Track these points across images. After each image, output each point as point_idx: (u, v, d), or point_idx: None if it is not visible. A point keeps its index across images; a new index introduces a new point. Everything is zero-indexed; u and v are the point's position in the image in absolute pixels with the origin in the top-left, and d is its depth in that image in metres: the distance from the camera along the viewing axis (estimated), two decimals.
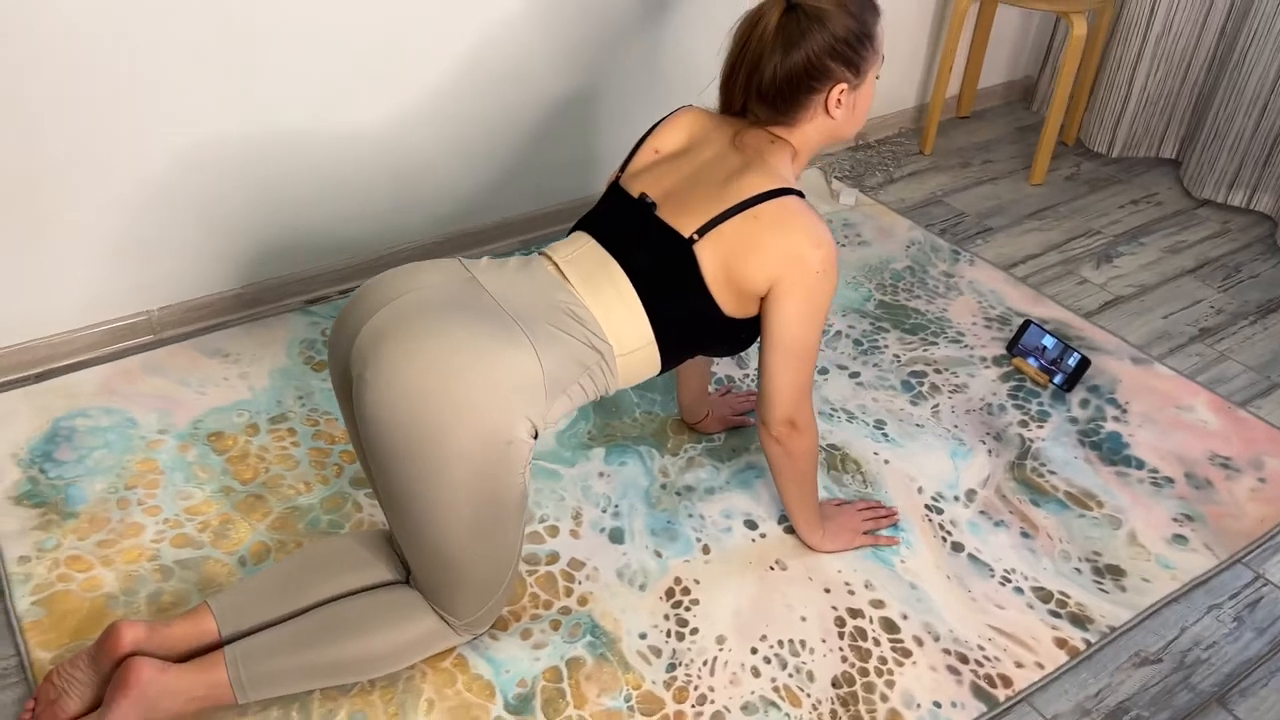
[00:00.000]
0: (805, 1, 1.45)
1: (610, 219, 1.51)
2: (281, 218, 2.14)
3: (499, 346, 1.32)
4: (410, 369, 1.30)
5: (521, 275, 1.44)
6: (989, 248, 2.56)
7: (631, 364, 1.46)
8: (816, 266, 1.44)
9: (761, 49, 1.46)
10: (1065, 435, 1.99)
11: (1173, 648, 1.62)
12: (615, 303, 1.43)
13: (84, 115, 1.82)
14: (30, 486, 1.75)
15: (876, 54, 1.53)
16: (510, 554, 1.43)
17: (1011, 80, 3.30)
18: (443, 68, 2.15)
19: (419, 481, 1.31)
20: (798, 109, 1.50)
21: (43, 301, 1.97)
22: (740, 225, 1.44)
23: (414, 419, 1.29)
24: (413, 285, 1.39)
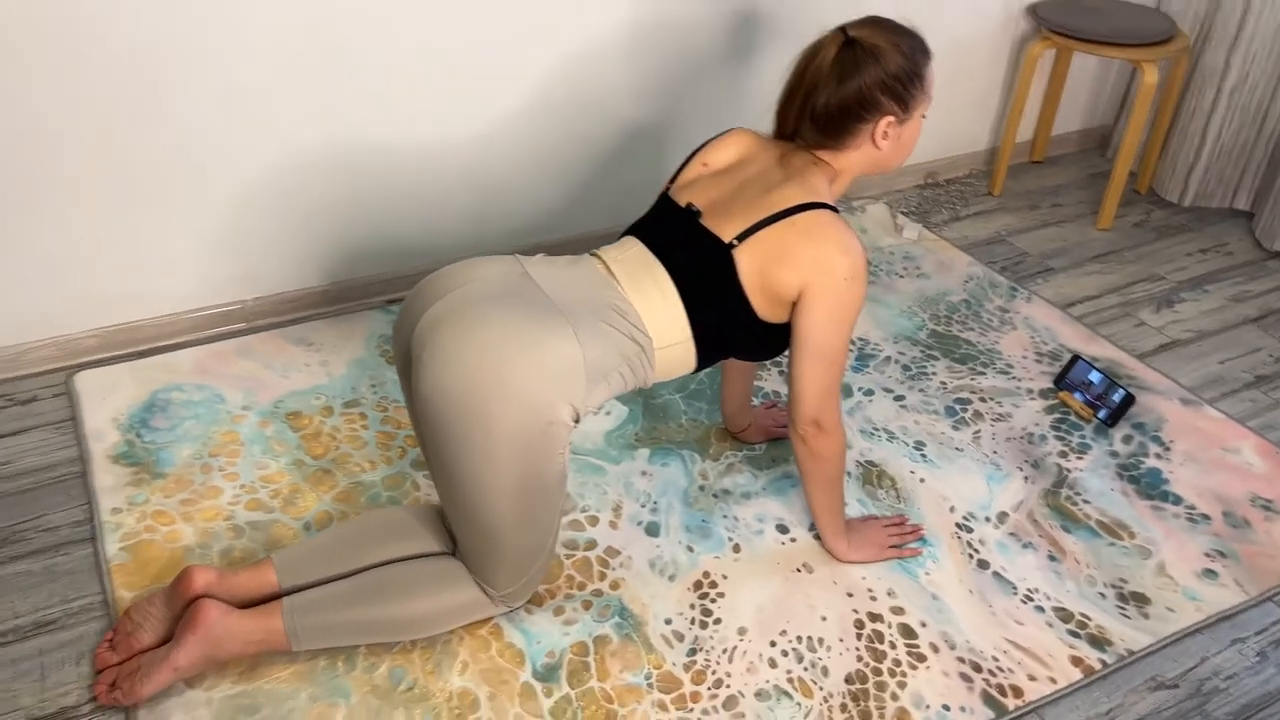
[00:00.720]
0: (863, 38, 1.56)
1: (657, 225, 1.63)
2: (368, 222, 2.31)
3: (545, 335, 1.44)
4: (463, 352, 1.42)
5: (571, 271, 1.56)
6: (1048, 287, 2.60)
7: (669, 358, 1.56)
8: (845, 273, 1.53)
9: (818, 77, 1.57)
10: (1104, 468, 2.02)
11: (1191, 675, 1.64)
12: (657, 299, 1.54)
13: (194, 119, 2.02)
14: (127, 448, 1.93)
15: (925, 94, 1.62)
16: (546, 531, 1.54)
17: (1088, 128, 3.33)
18: (524, 89, 2.31)
19: (466, 455, 1.43)
20: (845, 136, 1.60)
21: (152, 287, 2.17)
22: (776, 233, 1.54)
23: (464, 397, 1.41)
24: (471, 277, 1.52)
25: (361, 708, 1.50)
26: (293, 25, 2.01)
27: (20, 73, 1.83)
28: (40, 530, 1.75)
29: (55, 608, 1.62)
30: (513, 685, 1.54)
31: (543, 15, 2.24)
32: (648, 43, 2.40)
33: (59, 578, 1.67)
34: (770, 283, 1.54)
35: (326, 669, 1.55)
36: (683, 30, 2.43)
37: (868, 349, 2.32)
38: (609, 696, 1.54)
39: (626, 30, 2.35)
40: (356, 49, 2.09)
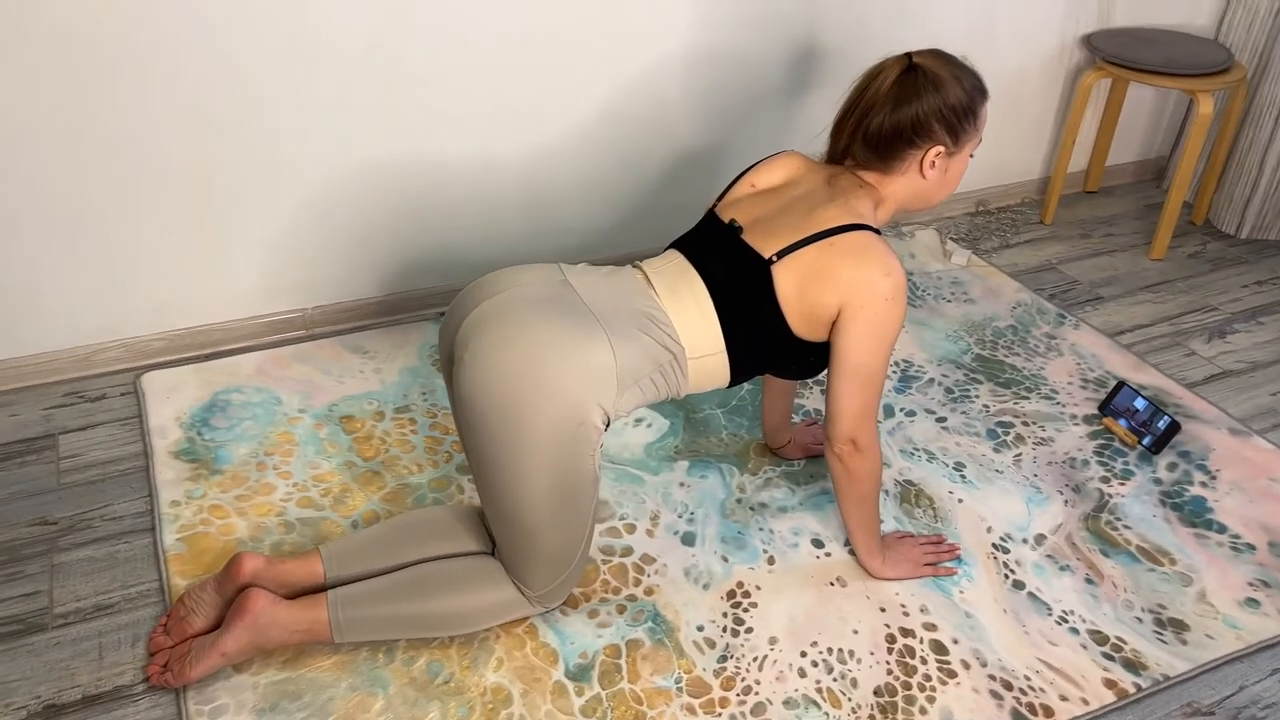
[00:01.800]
0: (926, 65, 1.60)
1: (699, 238, 1.67)
2: (425, 237, 2.39)
3: (579, 339, 1.49)
4: (501, 353, 1.47)
5: (609, 280, 1.61)
6: (1097, 315, 2.59)
7: (701, 369, 1.60)
8: (885, 294, 1.55)
9: (876, 99, 1.61)
10: (1147, 494, 2.01)
11: (1228, 703, 1.62)
12: (692, 310, 1.58)
13: (266, 135, 2.12)
14: (188, 445, 2.01)
15: (977, 132, 1.66)
16: (580, 531, 1.58)
17: (1144, 159, 3.31)
18: (581, 109, 2.38)
19: (502, 451, 1.48)
20: (894, 159, 1.63)
21: (218, 293, 2.27)
22: (817, 252, 1.57)
23: (501, 396, 1.46)
24: (513, 283, 1.57)
25: (399, 698, 1.55)
26: (363, 45, 2.10)
27: (110, 86, 1.94)
28: (105, 519, 1.84)
29: (115, 592, 1.70)
30: (545, 683, 1.58)
31: (604, 38, 2.31)
32: (705, 69, 2.45)
33: (120, 564, 1.75)
34: (809, 301, 1.57)
35: (367, 660, 1.60)
36: (741, 59, 2.48)
37: (911, 370, 2.34)
38: (639, 698, 1.57)
39: (685, 55, 2.41)
40: (421, 68, 2.18)
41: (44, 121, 1.93)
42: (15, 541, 1.79)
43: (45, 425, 2.06)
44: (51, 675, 1.56)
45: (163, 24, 1.93)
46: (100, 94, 1.95)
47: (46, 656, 1.59)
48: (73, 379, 2.20)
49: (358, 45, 2.10)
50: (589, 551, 1.65)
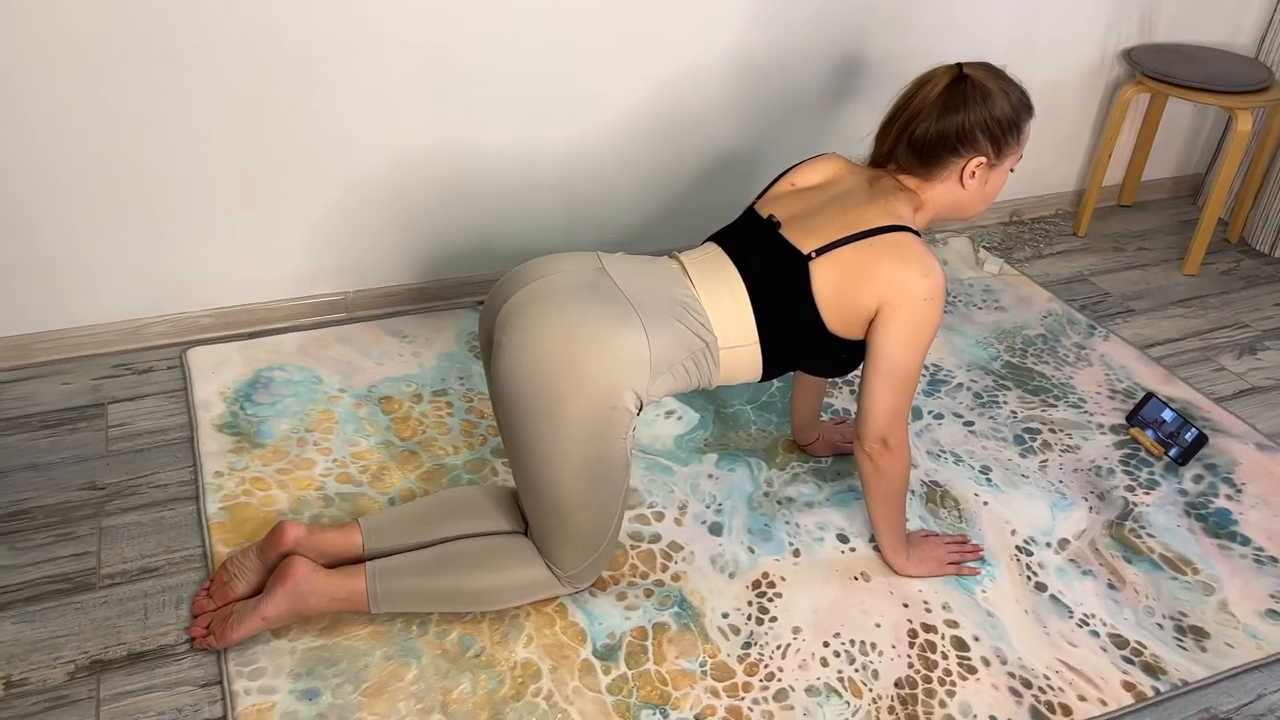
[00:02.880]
0: (976, 76, 1.63)
1: (737, 232, 1.71)
2: (466, 226, 2.44)
3: (614, 324, 1.52)
4: (538, 337, 1.51)
5: (645, 269, 1.65)
6: (1127, 327, 2.61)
7: (733, 360, 1.63)
8: (924, 294, 1.58)
9: (924, 105, 1.64)
10: (1171, 504, 2.03)
11: (1246, 710, 1.64)
12: (726, 300, 1.61)
13: (318, 120, 2.18)
14: (231, 419, 2.07)
15: (1019, 147, 1.69)
16: (610, 514, 1.62)
17: (1181, 175, 3.32)
18: (622, 107, 2.42)
19: (537, 432, 1.52)
20: (936, 166, 1.66)
21: (264, 274, 2.33)
22: (856, 252, 1.60)
23: (537, 378, 1.50)
24: (551, 270, 1.61)
25: (431, 669, 1.59)
26: (415, 34, 2.15)
27: (164, 66, 2.00)
28: (151, 486, 1.90)
29: (160, 556, 1.76)
30: (573, 660, 1.62)
31: (650, 35, 2.35)
32: (748, 71, 2.49)
33: (165, 530, 1.81)
34: (847, 299, 1.60)
35: (401, 631, 1.65)
36: (784, 64, 2.52)
37: (941, 375, 2.36)
38: (664, 679, 1.61)
39: (729, 56, 2.45)
40: (470, 60, 2.23)
41: (100, 99, 2.00)
42: (66, 504, 1.85)
43: (95, 395, 2.13)
44: (99, 632, 1.62)
45: (220, 6, 1.99)
46: (154, 74, 2.01)
47: (94, 614, 1.65)
48: (122, 351, 2.26)
49: (410, 34, 2.15)
50: (618, 535, 1.69)
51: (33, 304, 2.16)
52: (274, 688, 1.54)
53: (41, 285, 2.15)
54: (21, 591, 1.67)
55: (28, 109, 1.96)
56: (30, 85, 1.93)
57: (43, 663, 1.56)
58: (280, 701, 1.52)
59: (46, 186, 2.04)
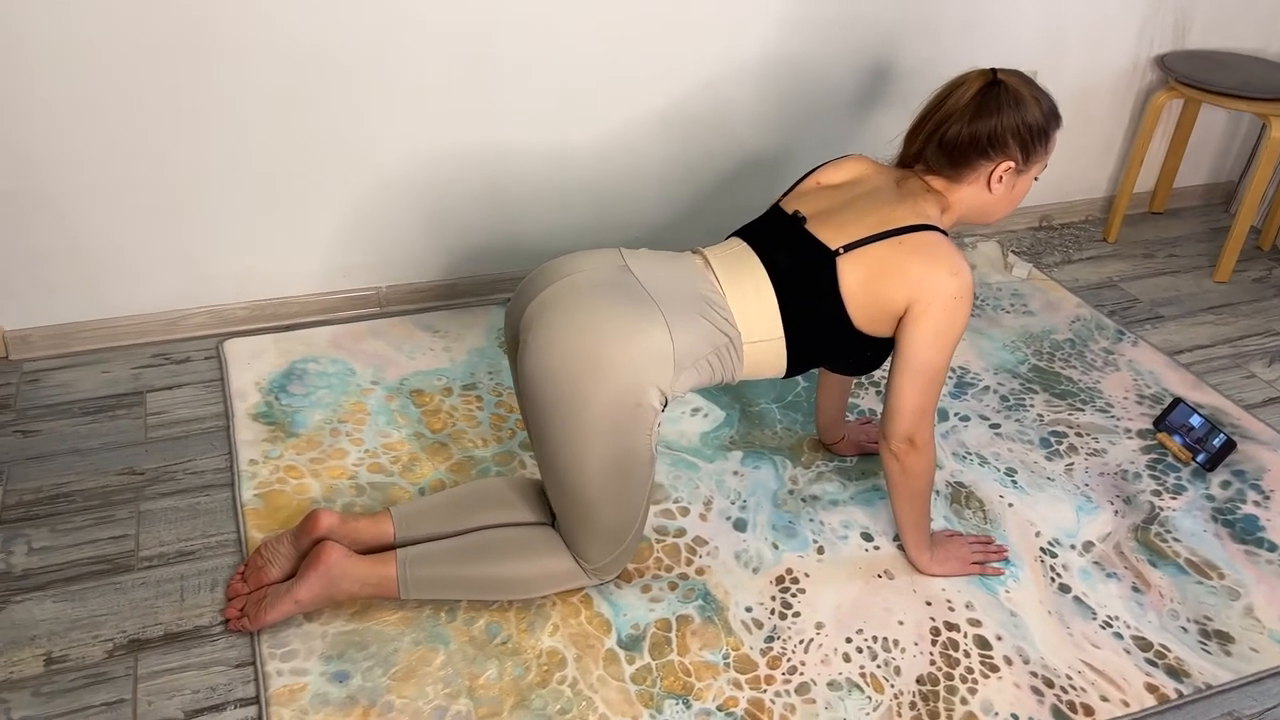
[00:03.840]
0: (1009, 82, 1.65)
1: (763, 227, 1.73)
2: (496, 223, 2.48)
3: (637, 322, 1.53)
4: (563, 336, 1.53)
5: (669, 265, 1.66)
6: (1156, 333, 2.60)
7: (757, 354, 1.64)
8: (953, 292, 1.59)
9: (957, 107, 1.66)
10: (1198, 510, 2.02)
11: (1270, 715, 1.63)
12: (750, 295, 1.62)
13: (355, 117, 2.22)
14: (266, 409, 2.11)
15: (1046, 154, 1.70)
16: (635, 508, 1.64)
17: (1214, 183, 3.30)
18: (651, 106, 2.45)
19: (562, 429, 1.54)
20: (965, 169, 1.68)
21: (299, 268, 2.37)
22: (885, 250, 1.62)
23: (562, 376, 1.52)
24: (575, 269, 1.63)
25: (459, 655, 1.62)
26: (449, 33, 2.19)
27: (205, 61, 2.05)
28: (188, 473, 1.94)
29: (196, 540, 1.80)
30: (598, 650, 1.65)
31: (681, 39, 2.37)
32: (778, 74, 2.51)
33: (201, 515, 1.85)
34: (875, 297, 1.61)
35: (430, 617, 1.68)
36: (814, 66, 2.53)
37: (967, 377, 2.37)
38: (687, 670, 1.63)
39: (760, 59, 2.47)
40: (503, 58, 2.26)
41: (143, 96, 2.05)
42: (106, 488, 1.89)
43: (134, 383, 2.18)
44: (136, 612, 1.66)
45: (261, 6, 2.03)
46: (195, 70, 2.06)
47: (132, 595, 1.69)
48: (160, 341, 2.31)
49: (444, 33, 2.19)
50: (644, 529, 1.71)
51: (75, 295, 2.21)
52: (305, 670, 1.57)
53: (84, 276, 2.20)
54: (63, 571, 1.72)
55: (72, 105, 2.01)
56: (74, 81, 1.99)
57: (82, 640, 1.61)
58: (311, 683, 1.56)
59: (90, 181, 2.10)
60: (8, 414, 2.07)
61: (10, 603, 1.66)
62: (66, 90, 1.99)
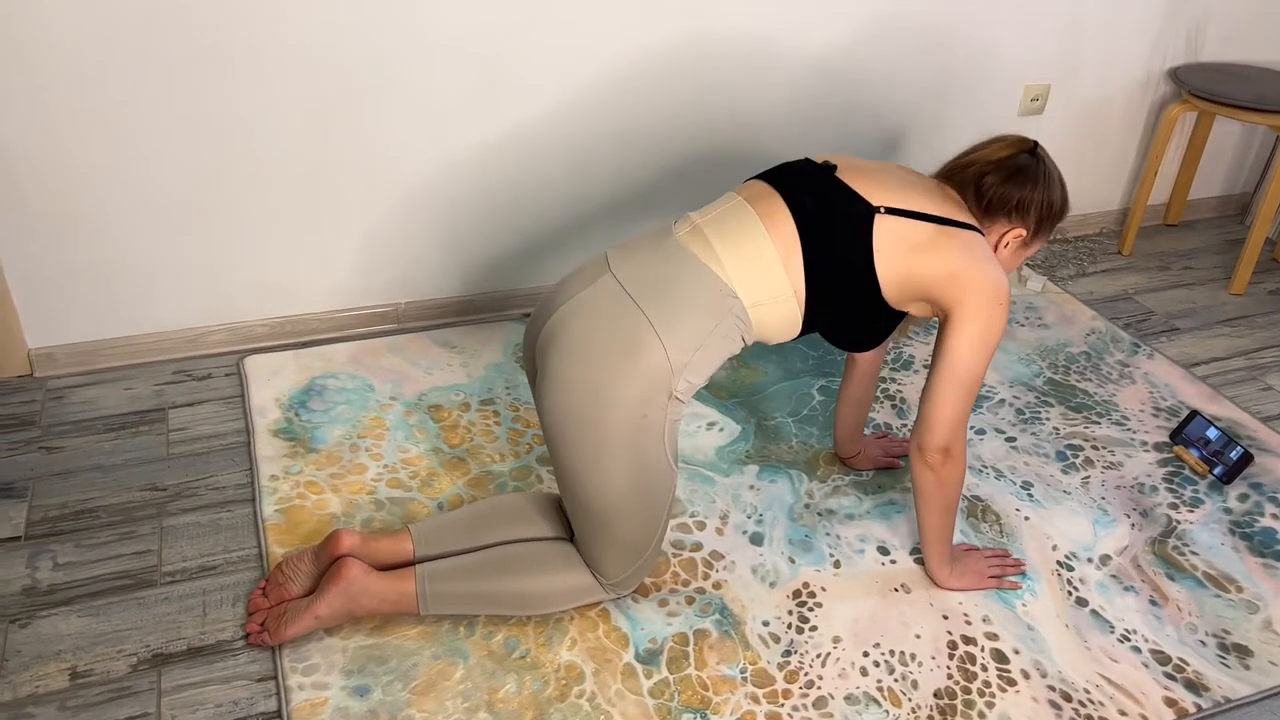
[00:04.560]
0: (1046, 159, 1.71)
1: (788, 172, 1.68)
2: (513, 240, 2.50)
3: (630, 346, 1.52)
4: (565, 375, 1.55)
5: (650, 258, 1.61)
6: (1172, 346, 2.60)
7: (762, 316, 1.60)
8: (999, 298, 1.60)
9: (997, 163, 1.69)
10: (1216, 523, 2.02)
11: None
12: (749, 255, 1.57)
13: (374, 135, 2.25)
14: (286, 425, 2.14)
15: (1045, 239, 1.76)
16: (656, 521, 1.65)
17: (1228, 195, 3.30)
18: (670, 120, 2.47)
19: (581, 456, 1.56)
20: (986, 219, 1.71)
21: (318, 285, 2.40)
22: (933, 232, 1.61)
23: (573, 414, 1.54)
24: (570, 293, 1.62)
25: (478, 669, 1.63)
26: (467, 52, 2.22)
27: (227, 83, 2.08)
28: (210, 489, 1.97)
29: (218, 555, 1.82)
30: (616, 664, 1.66)
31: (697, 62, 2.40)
32: (806, 97, 2.53)
33: (223, 530, 1.87)
34: (909, 268, 1.59)
35: (449, 632, 1.69)
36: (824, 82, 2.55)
37: (983, 391, 2.37)
38: (704, 684, 1.64)
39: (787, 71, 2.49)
40: (521, 75, 2.29)
41: (163, 115, 2.08)
42: (129, 504, 1.92)
43: (156, 400, 2.20)
44: (160, 626, 1.68)
45: (281, 25, 2.06)
46: (218, 91, 2.09)
47: (155, 610, 1.71)
48: (182, 358, 2.34)
49: (461, 49, 2.22)
50: (662, 543, 1.72)
51: (98, 313, 2.24)
52: (327, 684, 1.59)
53: (107, 295, 2.23)
54: (88, 586, 1.74)
55: (96, 126, 2.04)
56: (98, 103, 2.02)
57: (107, 655, 1.63)
58: (332, 697, 1.57)
59: (113, 200, 2.13)
60: (33, 431, 2.10)
61: (36, 617, 1.68)
62: (90, 112, 2.02)
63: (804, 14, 2.44)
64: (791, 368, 2.43)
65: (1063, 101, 2.87)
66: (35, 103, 1.98)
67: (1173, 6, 2.82)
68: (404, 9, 2.12)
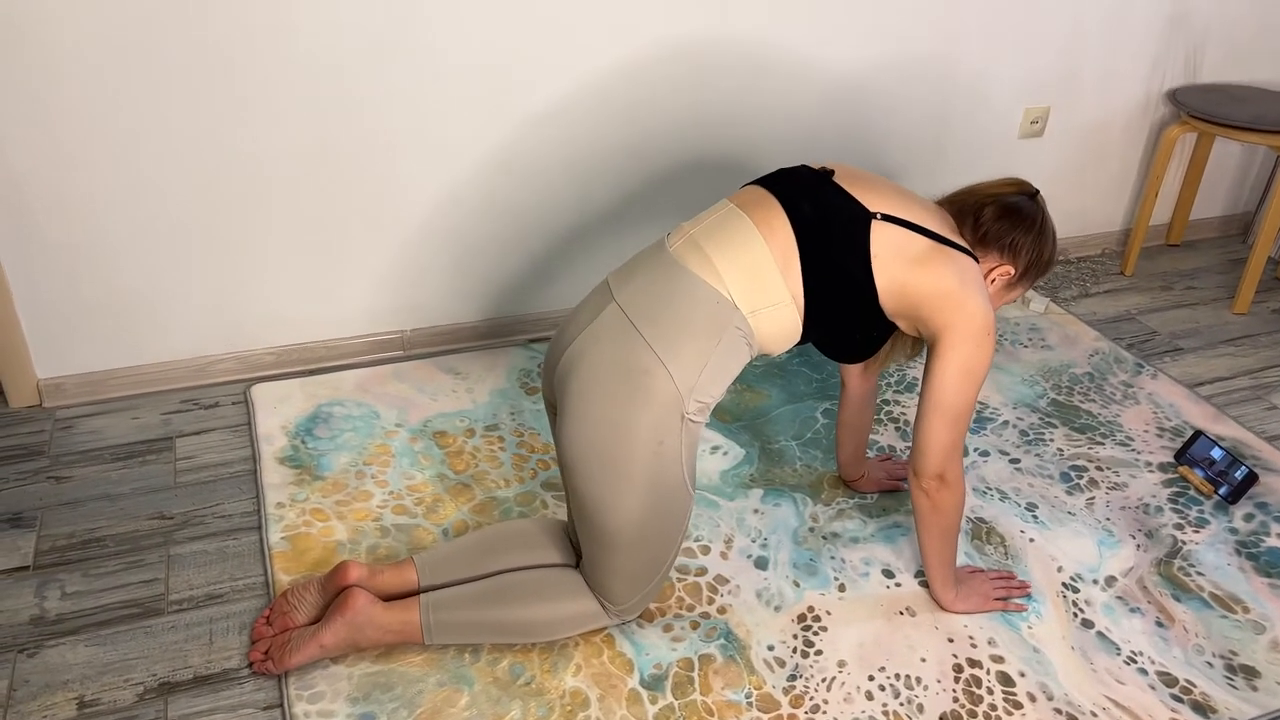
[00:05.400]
0: (1045, 209, 1.75)
1: (785, 177, 1.69)
2: (517, 265, 2.52)
3: (635, 373, 1.53)
4: (584, 421, 1.55)
5: (652, 276, 1.60)
6: (1175, 366, 2.60)
7: (761, 323, 1.59)
8: (986, 328, 1.61)
9: (997, 199, 1.72)
10: (1221, 543, 2.02)
11: None
12: (745, 261, 1.57)
13: (375, 162, 2.27)
14: (293, 452, 2.15)
15: (1026, 286, 1.78)
16: (669, 545, 1.65)
17: (1230, 214, 3.31)
18: (676, 151, 2.49)
19: (601, 490, 1.56)
20: (979, 248, 1.72)
21: (324, 313, 2.42)
22: (928, 246, 1.61)
23: (594, 451, 1.55)
24: (581, 325, 1.63)
25: (483, 696, 1.64)
26: (474, 79, 2.25)
27: (237, 113, 2.11)
28: (216, 517, 1.98)
29: (224, 583, 1.83)
30: (621, 690, 1.66)
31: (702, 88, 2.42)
32: (816, 114, 2.56)
33: (229, 558, 1.88)
34: (904, 277, 1.59)
35: (454, 658, 1.69)
36: (828, 101, 2.58)
37: (986, 413, 2.38)
38: (710, 710, 1.63)
39: (784, 95, 2.52)
40: (526, 103, 2.31)
41: (172, 145, 2.11)
42: (136, 533, 1.93)
43: (164, 429, 2.22)
44: (167, 655, 1.69)
45: (290, 58, 2.10)
46: (226, 120, 2.12)
47: (162, 638, 1.72)
48: (189, 387, 2.36)
49: (467, 83, 2.24)
50: (671, 569, 1.72)
51: (107, 342, 2.27)
52: (332, 711, 1.59)
53: (115, 325, 2.25)
54: (95, 616, 1.75)
55: (106, 157, 2.07)
56: (108, 134, 2.05)
57: (114, 684, 1.63)
58: None
59: (121, 231, 2.15)
60: (42, 460, 2.11)
61: (44, 647, 1.69)
62: (102, 145, 2.05)
63: (806, 34, 2.47)
64: (795, 391, 2.44)
65: (1063, 123, 2.89)
66: (48, 134, 2.01)
67: (1171, 28, 2.84)
68: (406, 46, 2.15)
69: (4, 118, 1.97)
